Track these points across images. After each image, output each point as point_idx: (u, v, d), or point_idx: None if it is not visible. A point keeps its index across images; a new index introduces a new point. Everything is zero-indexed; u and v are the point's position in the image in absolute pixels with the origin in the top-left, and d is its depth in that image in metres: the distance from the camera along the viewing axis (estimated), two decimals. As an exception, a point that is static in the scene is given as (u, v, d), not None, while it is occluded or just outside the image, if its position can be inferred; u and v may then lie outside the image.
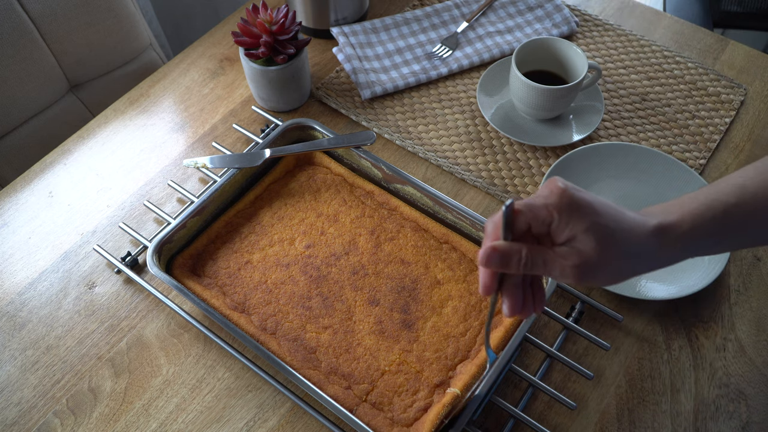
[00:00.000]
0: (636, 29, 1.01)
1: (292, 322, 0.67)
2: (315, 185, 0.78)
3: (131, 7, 1.09)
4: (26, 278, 0.75)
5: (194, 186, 0.83)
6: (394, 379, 0.63)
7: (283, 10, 0.82)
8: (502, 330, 0.65)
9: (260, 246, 0.73)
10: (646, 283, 0.72)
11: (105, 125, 0.90)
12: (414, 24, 0.99)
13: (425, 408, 0.61)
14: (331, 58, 0.97)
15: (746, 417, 0.65)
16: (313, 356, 0.64)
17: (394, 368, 0.64)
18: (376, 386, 0.63)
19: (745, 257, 0.76)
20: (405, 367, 0.64)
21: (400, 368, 0.64)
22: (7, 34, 0.93)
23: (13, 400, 0.66)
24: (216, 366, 0.68)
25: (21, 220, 0.80)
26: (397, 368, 0.64)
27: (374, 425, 0.60)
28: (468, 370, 0.62)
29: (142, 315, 0.72)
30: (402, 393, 0.63)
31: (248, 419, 0.65)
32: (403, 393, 0.63)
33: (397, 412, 0.61)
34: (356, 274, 0.70)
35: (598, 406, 0.66)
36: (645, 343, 0.70)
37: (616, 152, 0.82)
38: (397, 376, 0.63)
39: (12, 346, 0.70)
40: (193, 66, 0.97)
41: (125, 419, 0.65)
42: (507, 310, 0.47)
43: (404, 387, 0.63)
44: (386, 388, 0.63)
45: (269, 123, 0.88)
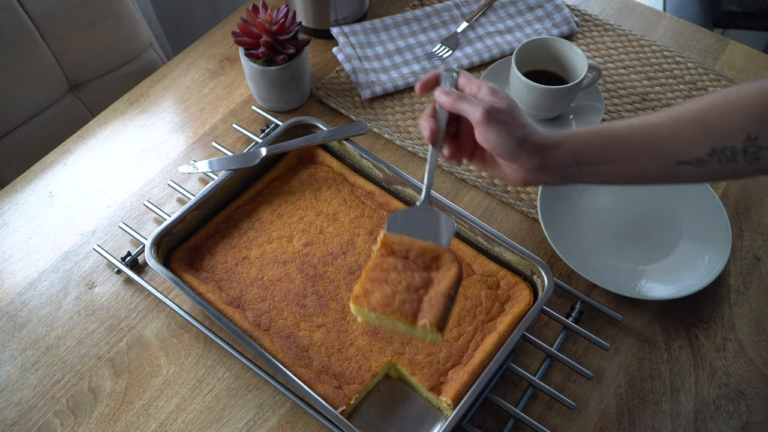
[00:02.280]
0: (636, 29, 1.01)
1: (286, 319, 0.67)
2: (316, 184, 0.78)
3: (131, 7, 1.09)
4: (26, 278, 0.75)
5: (194, 186, 0.83)
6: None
7: (283, 10, 0.82)
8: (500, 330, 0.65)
9: (258, 242, 0.73)
10: (646, 283, 0.72)
11: (105, 125, 0.90)
12: (414, 24, 0.99)
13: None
14: (331, 58, 0.98)
15: (746, 417, 0.65)
16: (305, 354, 0.64)
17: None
18: (366, 387, 0.63)
19: (745, 257, 0.76)
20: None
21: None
22: (7, 34, 0.93)
23: (13, 400, 0.66)
24: (216, 366, 0.68)
25: (21, 220, 0.80)
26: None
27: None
28: (460, 377, 0.62)
29: (142, 315, 0.72)
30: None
31: (248, 419, 0.65)
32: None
33: None
34: (353, 273, 0.70)
35: (598, 406, 0.66)
36: (645, 343, 0.70)
37: (616, 152, 0.81)
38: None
39: (12, 346, 0.70)
40: (193, 66, 0.97)
41: (125, 419, 0.65)
42: (447, 153, 0.61)
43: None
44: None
45: (269, 123, 0.88)
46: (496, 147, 0.57)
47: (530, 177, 0.59)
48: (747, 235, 0.78)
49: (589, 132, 0.58)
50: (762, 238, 0.78)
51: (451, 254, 0.56)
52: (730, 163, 0.54)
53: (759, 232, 0.78)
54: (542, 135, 0.58)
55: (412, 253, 0.56)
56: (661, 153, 0.56)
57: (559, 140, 0.58)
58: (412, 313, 0.53)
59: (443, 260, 0.55)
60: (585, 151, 0.57)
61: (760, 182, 0.83)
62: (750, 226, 0.79)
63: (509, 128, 0.56)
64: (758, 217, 0.80)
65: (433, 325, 0.52)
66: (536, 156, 0.57)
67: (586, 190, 0.80)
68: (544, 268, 0.66)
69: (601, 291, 0.73)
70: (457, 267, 0.55)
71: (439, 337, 0.53)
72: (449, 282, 0.54)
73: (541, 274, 0.66)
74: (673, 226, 0.77)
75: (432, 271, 0.55)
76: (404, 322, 0.53)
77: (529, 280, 0.69)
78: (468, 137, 0.61)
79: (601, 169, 0.58)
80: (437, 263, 0.55)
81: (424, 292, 0.54)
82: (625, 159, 0.57)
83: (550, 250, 0.76)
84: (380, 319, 0.54)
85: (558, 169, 0.58)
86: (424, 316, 0.52)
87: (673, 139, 0.55)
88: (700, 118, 0.54)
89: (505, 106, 0.57)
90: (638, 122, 0.57)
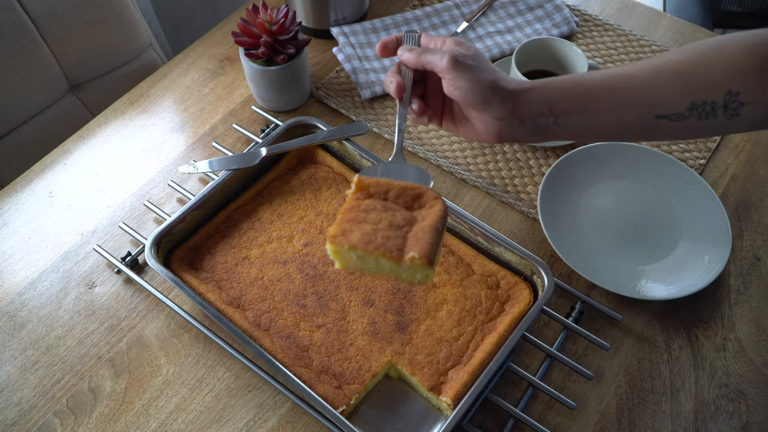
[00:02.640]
0: (636, 29, 1.01)
1: (286, 319, 0.67)
2: (316, 184, 0.78)
3: (131, 7, 1.09)
4: (26, 278, 0.75)
5: (194, 186, 0.83)
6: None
7: (283, 10, 0.82)
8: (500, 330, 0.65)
9: (258, 242, 0.73)
10: (646, 283, 0.72)
11: (105, 125, 0.90)
12: (414, 24, 0.99)
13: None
14: (331, 58, 0.98)
15: (746, 417, 0.65)
16: (305, 354, 0.64)
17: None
18: (366, 387, 0.63)
19: (745, 257, 0.76)
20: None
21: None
22: (7, 34, 0.93)
23: (13, 400, 0.66)
24: (216, 366, 0.68)
25: (21, 220, 0.80)
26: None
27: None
28: (460, 377, 0.62)
29: (142, 315, 0.72)
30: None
31: (248, 419, 0.65)
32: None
33: None
34: (352, 274, 0.70)
35: (598, 406, 0.66)
36: (645, 343, 0.70)
37: (616, 152, 0.82)
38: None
39: (12, 346, 0.70)
40: (193, 66, 0.97)
41: (125, 419, 0.65)
42: (416, 108, 0.59)
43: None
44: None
45: (269, 123, 0.88)
46: (467, 94, 0.54)
47: (503, 129, 0.56)
48: (747, 235, 0.78)
49: (564, 80, 0.56)
50: (762, 238, 0.78)
51: (434, 192, 0.52)
52: (709, 118, 0.52)
53: (759, 232, 0.78)
54: (514, 81, 0.56)
55: (390, 194, 0.52)
56: (640, 105, 0.54)
57: (532, 85, 0.56)
58: (397, 249, 0.48)
59: (426, 198, 0.52)
60: (560, 98, 0.55)
61: (760, 182, 0.83)
62: (750, 226, 0.79)
63: (478, 73, 0.54)
64: (758, 217, 0.80)
65: (421, 258, 0.47)
66: (509, 101, 0.55)
67: (586, 190, 0.80)
68: (544, 268, 0.66)
69: (601, 291, 0.73)
70: (442, 203, 0.51)
71: (430, 273, 0.48)
72: (435, 217, 0.50)
73: (541, 274, 0.66)
74: (673, 226, 0.77)
75: (414, 210, 0.51)
76: (389, 258, 0.48)
77: (529, 280, 0.69)
78: (436, 98, 0.59)
79: (577, 120, 0.55)
80: (419, 202, 0.52)
81: (409, 230, 0.50)
82: (601, 109, 0.55)
83: (550, 250, 0.76)
84: (362, 258, 0.49)
85: (532, 118, 0.55)
86: (411, 250, 0.48)
87: (651, 91, 0.53)
88: (680, 71, 0.53)
89: (471, 52, 0.55)
90: (616, 72, 0.55)
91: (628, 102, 0.54)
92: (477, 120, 0.57)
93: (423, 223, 0.49)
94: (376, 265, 0.49)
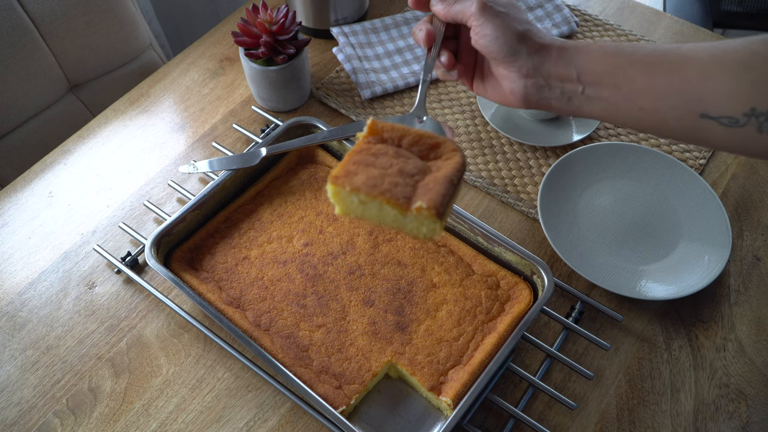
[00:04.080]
0: (636, 29, 1.01)
1: (286, 319, 0.67)
2: (316, 183, 0.78)
3: (131, 7, 1.09)
4: (26, 278, 0.75)
5: (194, 186, 0.83)
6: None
7: (283, 10, 0.82)
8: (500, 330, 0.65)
9: (258, 242, 0.73)
10: (646, 283, 0.72)
11: (105, 125, 0.90)
12: (414, 24, 0.99)
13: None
14: (331, 58, 0.97)
15: (746, 417, 0.65)
16: (305, 354, 0.64)
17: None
18: (366, 387, 0.63)
19: (745, 257, 0.76)
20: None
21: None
22: (7, 34, 0.93)
23: (13, 400, 0.66)
24: (216, 366, 0.68)
25: (21, 220, 0.80)
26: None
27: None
28: (460, 377, 0.62)
29: (142, 315, 0.72)
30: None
31: (248, 419, 0.65)
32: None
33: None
34: (352, 274, 0.70)
35: (598, 406, 0.66)
36: (645, 343, 0.70)
37: (616, 152, 0.82)
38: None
39: (12, 346, 0.70)
40: (193, 66, 0.97)
41: (125, 419, 0.65)
42: (445, 60, 0.56)
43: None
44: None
45: (269, 123, 0.88)
46: (491, 42, 0.50)
47: (529, 90, 0.52)
48: (747, 235, 0.78)
49: (604, 47, 0.49)
50: (762, 238, 0.78)
51: (453, 143, 0.48)
52: None
53: (759, 232, 0.78)
54: (547, 36, 0.51)
55: (405, 141, 0.47)
56: (682, 96, 0.45)
57: (564, 45, 0.50)
58: (404, 197, 0.43)
59: (443, 149, 0.47)
60: (591, 67, 0.49)
61: (760, 182, 0.83)
62: (750, 226, 0.79)
63: (507, 20, 0.50)
64: (758, 217, 0.80)
65: (430, 209, 0.42)
66: (536, 55, 0.50)
67: (586, 190, 0.80)
68: (544, 268, 0.66)
69: (601, 291, 0.73)
70: (461, 155, 0.47)
71: (437, 227, 0.44)
72: (451, 168, 0.45)
73: (541, 274, 0.66)
74: (673, 226, 0.77)
75: (429, 160, 0.47)
76: (394, 205, 0.43)
77: (529, 280, 0.69)
78: (468, 55, 0.56)
79: (605, 95, 0.49)
80: (436, 152, 0.47)
81: (420, 179, 0.45)
82: (636, 91, 0.47)
83: (550, 250, 0.76)
84: (364, 204, 0.44)
85: (559, 82, 0.50)
86: (419, 199, 0.43)
87: (701, 82, 0.43)
88: (749, 65, 0.41)
89: (504, 0, 0.51)
90: (664, 50, 0.47)
91: (668, 89, 0.45)
92: (503, 78, 0.53)
93: (437, 174, 0.45)
94: (378, 212, 0.44)
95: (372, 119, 0.49)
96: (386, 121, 0.48)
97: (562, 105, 0.52)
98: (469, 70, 0.58)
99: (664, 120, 0.47)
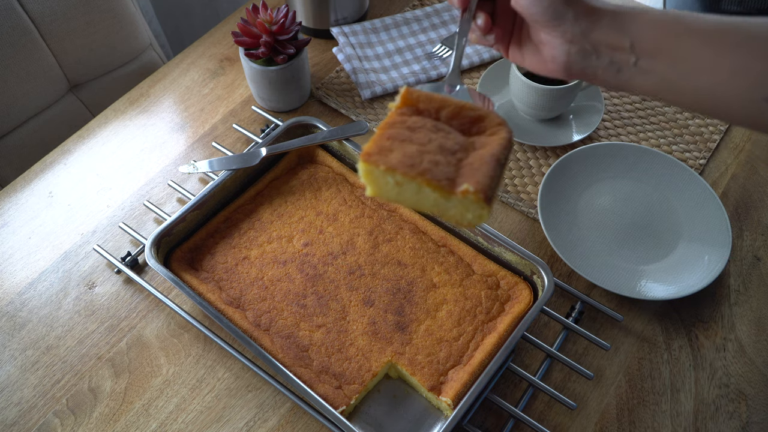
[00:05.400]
0: (636, 29, 1.01)
1: (286, 319, 0.67)
2: (316, 183, 0.78)
3: (131, 7, 1.09)
4: (26, 278, 0.75)
5: (194, 186, 0.83)
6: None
7: (283, 10, 0.82)
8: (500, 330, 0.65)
9: (258, 242, 0.73)
10: (646, 283, 0.72)
11: (105, 125, 0.90)
12: (414, 24, 0.99)
13: None
14: (331, 58, 0.98)
15: (746, 417, 0.65)
16: (305, 354, 0.64)
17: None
18: (366, 387, 0.63)
19: (745, 257, 0.76)
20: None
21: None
22: (7, 34, 0.93)
23: (13, 400, 0.66)
24: (216, 366, 0.68)
25: (21, 220, 0.80)
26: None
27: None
28: (460, 377, 0.62)
29: (142, 315, 0.72)
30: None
31: (248, 419, 0.65)
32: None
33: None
34: (352, 274, 0.70)
35: (598, 406, 0.66)
36: (645, 343, 0.70)
37: (616, 152, 0.82)
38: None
39: (12, 346, 0.70)
40: (193, 66, 0.97)
41: (125, 419, 0.65)
42: (482, 23, 0.51)
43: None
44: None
45: (269, 123, 0.88)
46: (535, 3, 0.45)
47: (573, 58, 0.47)
48: (747, 235, 0.78)
49: (664, 15, 0.44)
50: (762, 238, 0.78)
51: (498, 116, 0.43)
52: None
53: (759, 232, 0.78)
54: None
55: (444, 113, 0.42)
56: (745, 76, 0.40)
57: (618, 10, 0.45)
58: (446, 178, 0.38)
59: (488, 123, 0.42)
60: (647, 35, 0.44)
61: (760, 182, 0.83)
62: (750, 226, 0.79)
63: None
64: (758, 217, 0.80)
65: (477, 193, 0.38)
66: (584, 19, 0.45)
67: (586, 190, 0.80)
68: (544, 268, 0.66)
69: (601, 291, 0.73)
70: (508, 130, 0.42)
71: (485, 212, 0.39)
72: (497, 145, 0.40)
73: (541, 274, 0.66)
74: (673, 226, 0.77)
75: (472, 135, 0.42)
76: (436, 188, 0.38)
77: (529, 280, 0.69)
78: (505, 18, 0.52)
79: (661, 69, 0.44)
80: (479, 126, 0.42)
81: (463, 157, 0.40)
82: (695, 68, 0.42)
83: (550, 250, 0.76)
84: (400, 185, 0.39)
85: (608, 50, 0.45)
86: (465, 181, 0.38)
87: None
88: None
89: None
90: (730, 22, 0.42)
91: (733, 68, 0.41)
92: (545, 44, 0.49)
93: (482, 151, 0.40)
94: (416, 195, 0.39)
95: (406, 87, 0.44)
96: (421, 90, 0.44)
97: (609, 77, 0.47)
98: (506, 35, 0.53)
99: (724, 101, 0.43)
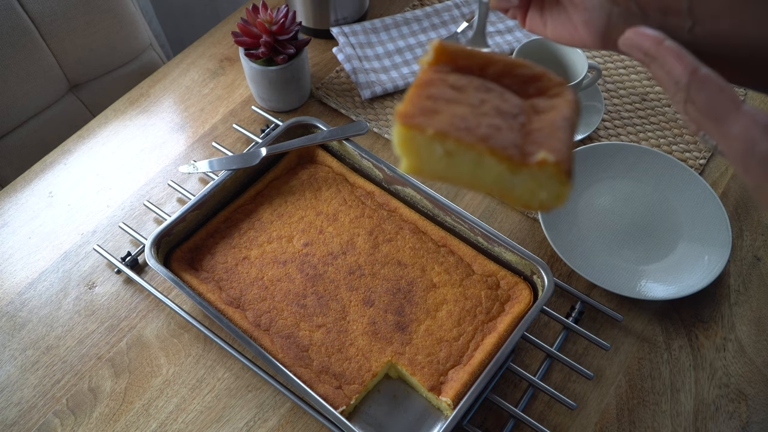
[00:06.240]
0: (636, 29, 1.01)
1: (286, 319, 0.67)
2: (316, 184, 0.78)
3: (131, 7, 1.09)
4: (26, 278, 0.75)
5: (194, 186, 0.83)
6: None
7: (283, 10, 0.82)
8: (500, 330, 0.65)
9: (258, 242, 0.73)
10: (646, 283, 0.72)
11: (105, 125, 0.90)
12: (414, 24, 0.99)
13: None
14: (331, 58, 0.98)
15: (746, 417, 0.65)
16: (305, 354, 0.64)
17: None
18: (366, 387, 0.63)
19: (745, 257, 0.76)
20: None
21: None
22: (7, 34, 0.93)
23: (13, 400, 0.66)
24: (216, 366, 0.68)
25: (21, 220, 0.80)
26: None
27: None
28: (460, 377, 0.62)
29: (142, 315, 0.72)
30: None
31: (248, 419, 0.65)
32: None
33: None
34: (352, 274, 0.70)
35: (598, 406, 0.66)
36: (645, 343, 0.70)
37: (616, 152, 0.82)
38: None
39: (12, 346, 0.70)
40: (193, 66, 0.97)
41: (125, 419, 0.65)
42: None
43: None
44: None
45: (269, 123, 0.88)
46: None
47: (614, 21, 0.38)
48: (747, 235, 0.78)
49: None
50: (762, 238, 0.78)
51: (557, 76, 0.36)
52: None
53: (759, 232, 0.78)
54: None
55: (491, 71, 0.35)
56: None
57: None
58: (514, 145, 0.30)
59: (547, 81, 0.34)
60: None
61: (760, 182, 0.83)
62: (750, 226, 0.79)
63: None
64: (758, 217, 0.80)
65: (558, 164, 0.29)
66: None
67: (585, 190, 0.80)
68: (544, 268, 0.66)
69: (601, 291, 0.73)
70: (573, 91, 0.34)
71: (566, 190, 0.30)
72: (567, 108, 0.33)
73: (541, 274, 0.66)
74: (673, 226, 0.77)
75: (530, 97, 0.34)
76: (502, 158, 0.29)
77: (529, 280, 0.69)
78: None
79: (724, 37, 0.36)
80: (536, 86, 0.34)
81: (527, 121, 0.32)
82: (762, 35, 0.35)
83: (550, 250, 0.76)
84: (451, 156, 0.30)
85: (661, 12, 0.37)
86: (541, 149, 0.30)
87: None
88: None
89: None
90: None
91: None
92: (578, 5, 0.40)
93: (550, 115, 0.32)
94: (474, 169, 0.30)
95: (439, 41, 0.35)
96: (455, 43, 0.36)
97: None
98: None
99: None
